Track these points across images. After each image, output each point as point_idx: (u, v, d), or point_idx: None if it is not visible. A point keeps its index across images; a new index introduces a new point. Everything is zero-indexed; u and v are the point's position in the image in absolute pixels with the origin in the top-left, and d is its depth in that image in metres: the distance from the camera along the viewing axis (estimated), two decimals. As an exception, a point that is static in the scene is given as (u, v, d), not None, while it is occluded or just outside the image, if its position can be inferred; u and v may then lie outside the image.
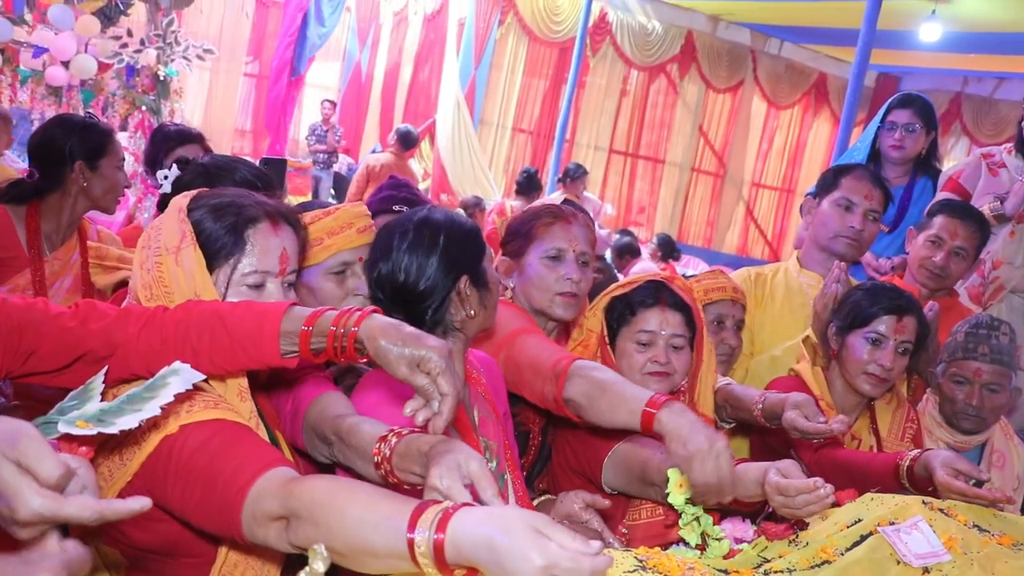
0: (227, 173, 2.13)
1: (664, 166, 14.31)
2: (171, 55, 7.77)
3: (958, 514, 1.93)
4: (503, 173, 12.06)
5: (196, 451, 1.39)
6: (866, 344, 2.57)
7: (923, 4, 9.50)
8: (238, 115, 11.41)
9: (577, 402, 1.98)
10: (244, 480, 1.33)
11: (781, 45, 14.25)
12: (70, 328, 1.51)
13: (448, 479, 1.34)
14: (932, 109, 3.86)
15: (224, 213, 1.63)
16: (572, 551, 1.05)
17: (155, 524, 1.52)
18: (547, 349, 2.13)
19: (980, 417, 2.78)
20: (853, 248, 3.07)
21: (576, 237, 2.41)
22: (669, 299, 2.29)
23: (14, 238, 2.96)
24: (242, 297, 1.62)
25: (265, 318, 1.48)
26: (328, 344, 1.46)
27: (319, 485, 1.27)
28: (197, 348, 1.48)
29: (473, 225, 2.05)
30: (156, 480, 1.43)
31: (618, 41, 13.06)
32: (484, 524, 1.09)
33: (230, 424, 1.45)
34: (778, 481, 1.77)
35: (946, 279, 3.23)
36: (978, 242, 3.25)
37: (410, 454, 1.48)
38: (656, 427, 1.81)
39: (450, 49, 11.70)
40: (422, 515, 1.13)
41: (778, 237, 15.50)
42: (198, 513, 1.40)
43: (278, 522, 1.28)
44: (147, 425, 1.40)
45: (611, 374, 2.01)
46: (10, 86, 7.03)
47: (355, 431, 1.62)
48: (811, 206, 3.17)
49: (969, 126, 14.00)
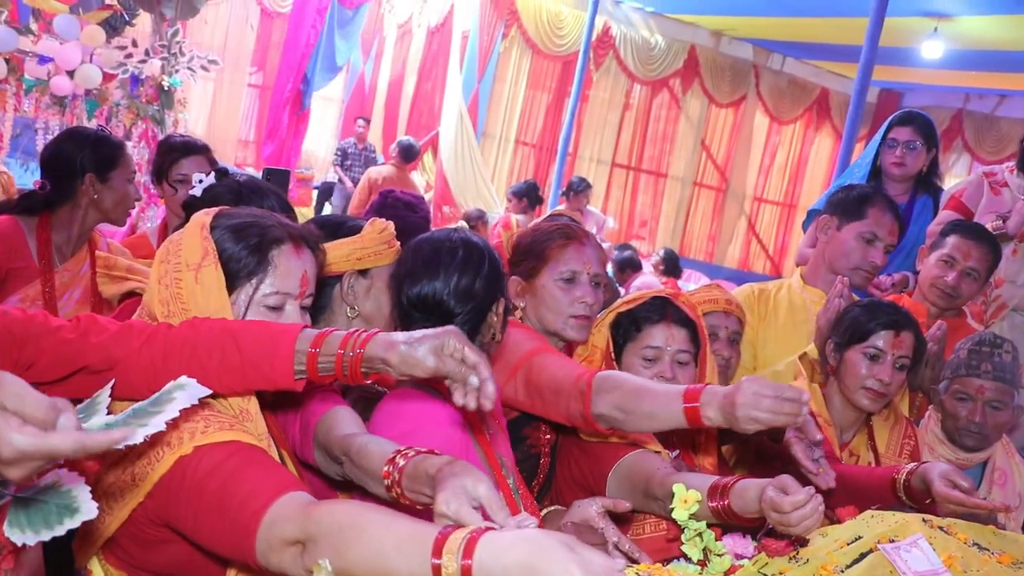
0: (256, 198, 2.14)
1: (666, 180, 14.33)
2: (175, 66, 7.80)
3: (958, 532, 1.93)
4: (506, 186, 12.05)
5: (210, 473, 1.39)
6: (864, 359, 2.58)
7: (925, 22, 9.53)
8: (242, 125, 11.44)
9: (611, 416, 1.96)
10: (259, 505, 1.33)
11: (784, 60, 14.29)
12: (69, 341, 1.51)
13: (455, 503, 1.34)
14: (933, 126, 3.86)
15: (247, 233, 1.63)
16: (607, 566, 1.07)
17: (166, 546, 1.51)
18: (565, 367, 2.11)
19: (982, 434, 2.79)
20: (868, 280, 3.11)
21: (590, 259, 2.41)
22: (675, 315, 2.31)
23: (24, 249, 2.97)
24: (261, 318, 1.62)
25: (279, 338, 1.48)
26: (336, 365, 1.47)
27: (338, 509, 1.28)
28: (206, 365, 1.48)
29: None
30: (169, 500, 1.43)
31: (621, 55, 13.10)
32: (516, 547, 1.10)
33: (245, 446, 1.45)
34: (772, 497, 1.77)
35: (957, 299, 3.24)
36: (990, 263, 3.25)
37: (418, 476, 1.48)
38: (705, 421, 1.84)
39: (453, 62, 11.73)
40: (447, 540, 1.13)
41: (780, 252, 15.50)
42: (210, 536, 1.40)
43: (294, 547, 1.28)
44: (162, 444, 1.40)
45: (636, 380, 2.00)
46: (15, 95, 7.05)
47: (364, 452, 1.61)
48: (828, 225, 3.14)
49: (971, 143, 14.02)
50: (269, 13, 11.25)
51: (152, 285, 1.65)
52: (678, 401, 1.85)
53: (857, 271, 3.05)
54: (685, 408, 1.84)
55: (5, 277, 2.92)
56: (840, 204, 3.14)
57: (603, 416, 1.97)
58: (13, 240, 2.93)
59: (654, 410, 1.90)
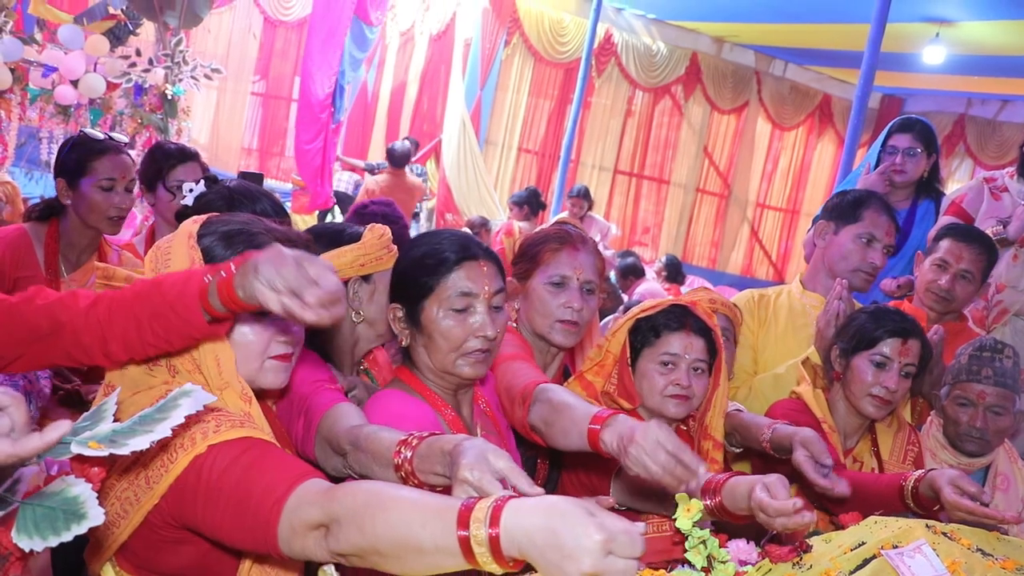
0: (248, 202, 2.16)
1: (669, 187, 14.33)
2: (179, 74, 7.83)
3: (962, 538, 1.93)
4: (508, 193, 12.07)
5: (226, 469, 1.41)
6: (871, 367, 2.59)
7: (926, 27, 9.54)
8: (244, 134, 11.46)
9: (538, 428, 1.99)
10: (279, 493, 1.35)
11: (785, 67, 14.30)
12: (14, 305, 1.53)
13: (478, 471, 1.38)
14: (932, 132, 3.88)
15: (235, 240, 1.65)
16: (625, 528, 1.10)
17: (180, 546, 1.53)
18: (519, 375, 2.13)
19: (984, 439, 2.79)
20: (868, 282, 3.11)
21: (582, 265, 2.43)
22: (694, 324, 2.33)
23: (32, 257, 2.97)
24: (250, 324, 1.63)
25: (191, 274, 1.48)
26: (218, 287, 1.44)
27: (360, 488, 1.30)
28: (139, 316, 1.48)
29: None
30: (185, 500, 1.44)
31: (623, 62, 13.11)
32: (536, 512, 1.13)
33: (257, 441, 1.46)
34: (760, 499, 1.77)
35: (952, 302, 3.24)
36: (984, 265, 3.26)
37: (432, 455, 1.51)
38: (601, 444, 1.79)
39: (456, 69, 11.74)
40: (473, 511, 1.16)
41: (782, 258, 15.50)
42: (230, 531, 1.41)
43: (318, 530, 1.29)
44: (175, 446, 1.42)
45: (568, 397, 1.99)
46: (19, 104, 7.09)
47: (373, 438, 1.65)
48: (826, 230, 3.16)
49: (973, 148, 14.02)
50: (272, 22, 11.28)
51: None
52: (586, 422, 1.83)
53: (857, 273, 3.06)
54: (589, 429, 1.81)
55: (13, 286, 2.91)
56: (836, 209, 3.17)
57: (535, 427, 2.00)
58: (21, 249, 2.93)
59: (566, 427, 1.89)
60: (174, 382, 1.58)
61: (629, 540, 1.09)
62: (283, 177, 11.30)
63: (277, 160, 11.70)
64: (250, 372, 1.64)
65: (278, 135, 11.71)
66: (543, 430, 1.98)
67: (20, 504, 1.02)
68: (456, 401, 2.05)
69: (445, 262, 1.96)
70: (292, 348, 1.70)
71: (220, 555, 1.53)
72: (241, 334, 1.63)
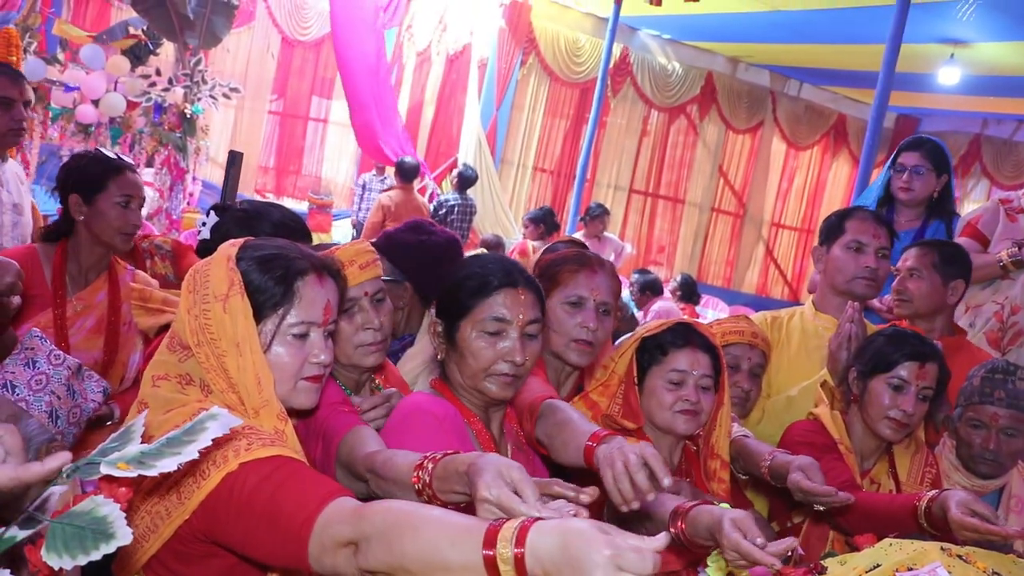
0: (264, 217, 2.21)
1: (684, 206, 14.35)
2: (198, 93, 7.92)
3: (977, 560, 1.93)
4: (524, 212, 12.11)
5: (257, 486, 1.44)
6: (888, 389, 2.59)
7: (942, 48, 9.55)
8: (262, 152, 11.55)
9: (542, 441, 2.04)
10: (310, 511, 1.38)
11: (800, 87, 14.32)
12: None
13: (496, 488, 1.42)
14: (943, 152, 3.87)
15: (272, 265, 1.69)
16: (637, 547, 1.14)
17: (210, 560, 1.56)
18: (529, 389, 2.16)
19: (997, 462, 2.78)
20: (872, 288, 3.07)
21: (599, 287, 2.48)
22: (699, 341, 2.35)
23: (39, 276, 2.95)
24: (287, 346, 1.68)
25: None
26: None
27: (390, 508, 1.34)
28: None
29: None
30: (217, 516, 1.47)
31: (639, 82, 13.17)
32: (556, 531, 1.18)
33: (288, 459, 1.50)
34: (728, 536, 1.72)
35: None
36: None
37: (448, 476, 1.55)
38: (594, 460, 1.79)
39: (472, 89, 11.80)
40: (500, 531, 1.20)
41: (798, 277, 15.47)
42: (261, 547, 1.45)
43: (347, 548, 1.33)
44: (207, 463, 1.46)
45: (572, 414, 2.01)
46: (41, 123, 7.19)
47: (390, 464, 1.69)
48: (821, 255, 3.16)
49: (989, 168, 14.00)
50: (289, 41, 11.38)
51: (181, 314, 1.70)
52: (585, 438, 1.85)
53: (856, 281, 3.04)
54: (585, 446, 1.84)
55: (21, 304, 2.92)
56: (824, 231, 3.19)
57: (540, 440, 2.05)
58: (28, 268, 2.86)
59: (567, 441, 1.92)
60: (207, 401, 1.61)
61: (639, 557, 1.12)
62: (299, 195, 11.39)
63: (293, 179, 11.79)
64: (284, 392, 1.69)
65: (295, 154, 11.81)
66: (546, 443, 2.02)
67: (50, 523, 1.04)
68: (487, 417, 2.10)
69: (486, 287, 2.01)
70: (324, 370, 1.74)
71: (247, 569, 1.56)
72: (277, 355, 1.68)
